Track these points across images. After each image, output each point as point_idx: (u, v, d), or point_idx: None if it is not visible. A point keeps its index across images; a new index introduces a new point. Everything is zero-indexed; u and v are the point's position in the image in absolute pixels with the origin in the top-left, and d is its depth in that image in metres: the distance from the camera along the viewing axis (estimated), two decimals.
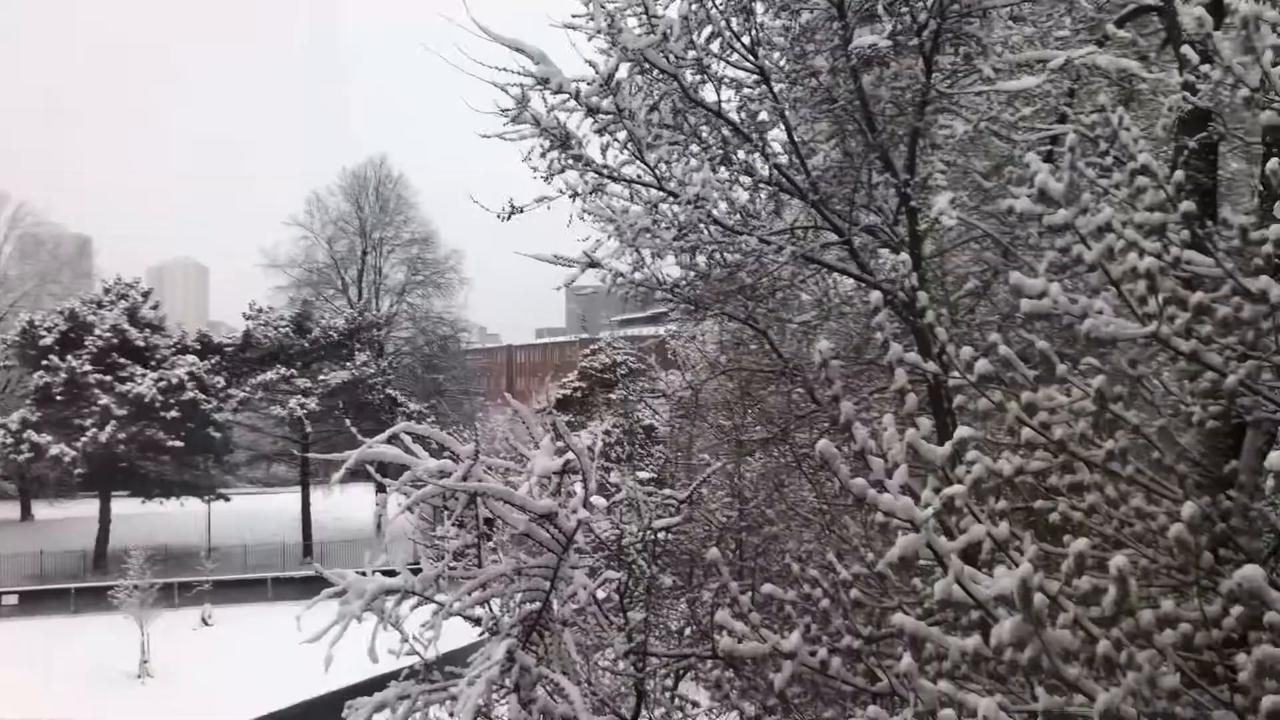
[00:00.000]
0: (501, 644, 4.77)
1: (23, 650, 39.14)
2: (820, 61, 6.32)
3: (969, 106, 6.33)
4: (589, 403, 48.13)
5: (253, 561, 53.49)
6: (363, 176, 68.97)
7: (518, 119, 6.31)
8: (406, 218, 69.41)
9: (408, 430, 5.38)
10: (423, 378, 65.28)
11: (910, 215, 6.38)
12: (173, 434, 51.19)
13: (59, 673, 35.70)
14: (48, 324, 52.73)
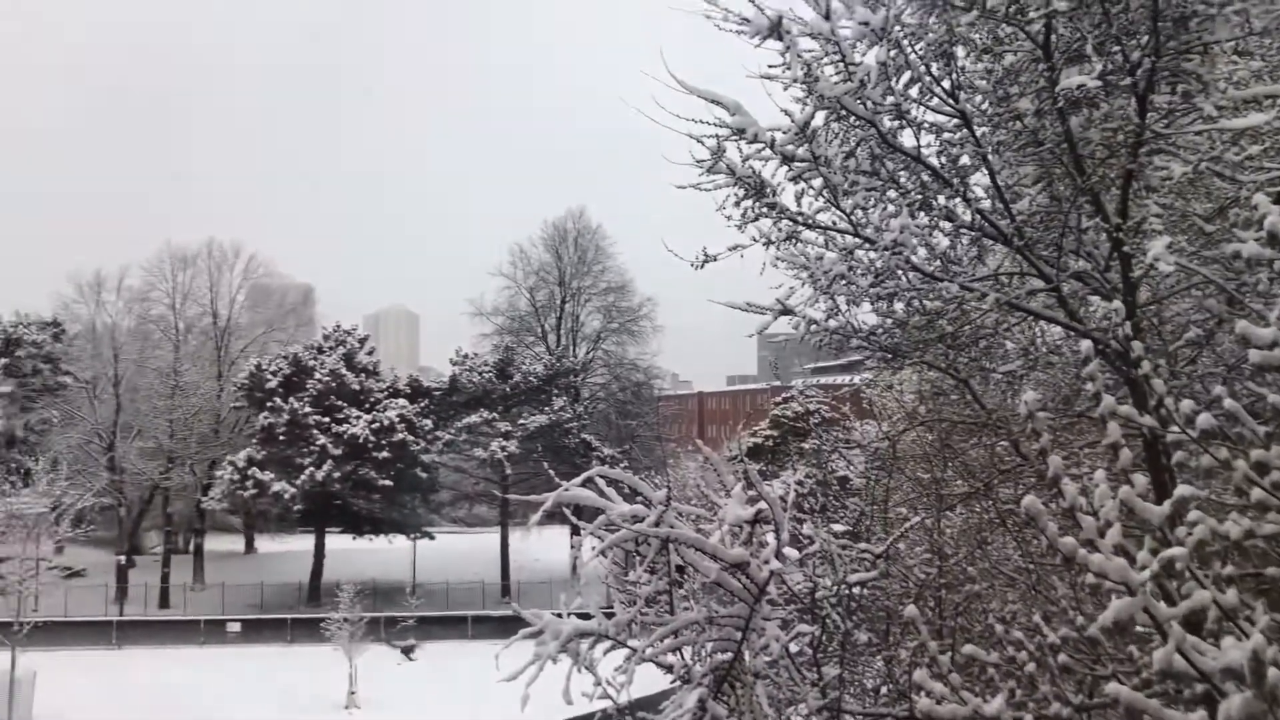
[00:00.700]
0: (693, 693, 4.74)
1: (246, 676, 41.72)
2: (1025, 104, 6.12)
3: (1188, 146, 5.98)
4: (781, 451, 47.63)
5: (454, 599, 55.29)
6: (562, 228, 71.30)
7: (713, 169, 6.37)
8: (604, 267, 71.20)
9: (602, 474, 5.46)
10: (616, 423, 66.36)
11: (1123, 261, 6.06)
12: (383, 473, 53.67)
13: (277, 700, 37.84)
14: (273, 368, 56.44)
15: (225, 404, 61.76)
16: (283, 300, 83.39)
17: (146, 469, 58.69)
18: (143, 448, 59.48)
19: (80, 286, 63.71)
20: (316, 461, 52.91)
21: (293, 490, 52.57)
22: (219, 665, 43.64)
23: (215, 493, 56.13)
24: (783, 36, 5.99)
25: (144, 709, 35.90)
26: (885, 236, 6.19)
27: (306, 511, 56.78)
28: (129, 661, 44.33)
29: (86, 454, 57.82)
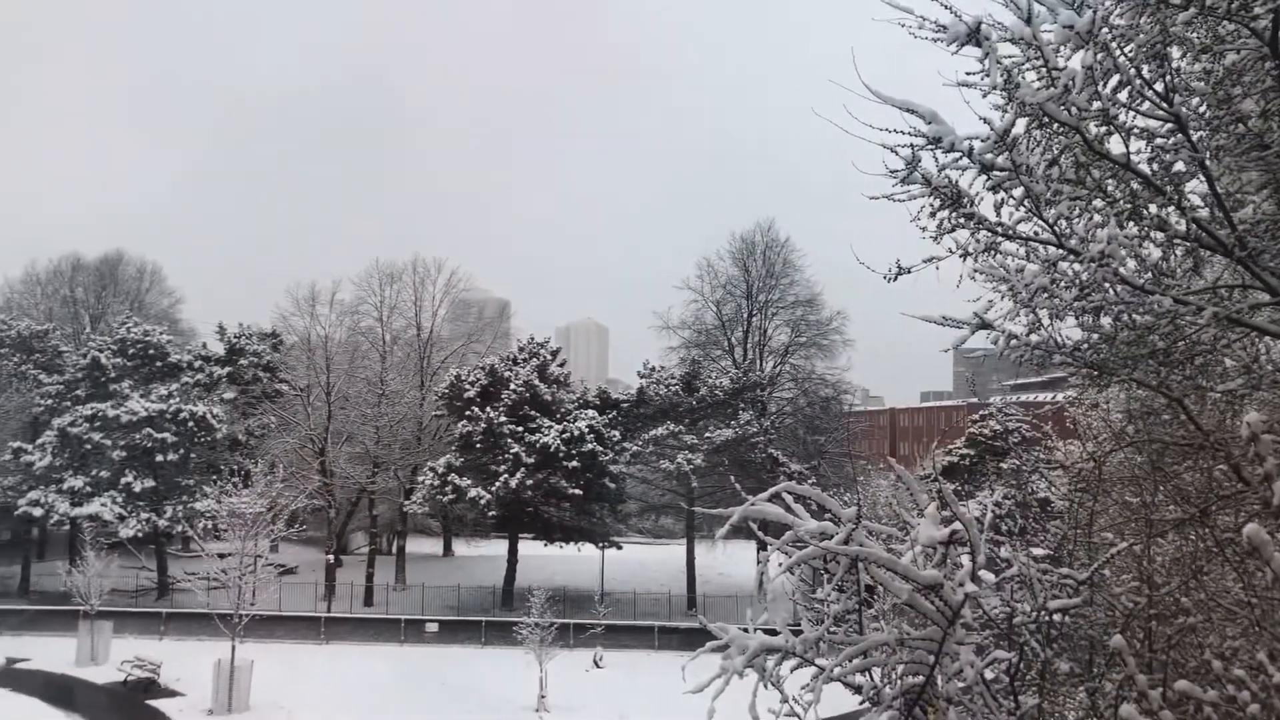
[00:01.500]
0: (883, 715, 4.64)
1: (442, 675, 43.33)
2: (1249, 105, 5.73)
3: None
4: (977, 471, 46.01)
5: (641, 609, 55.86)
6: (750, 241, 71.10)
7: (907, 179, 6.23)
8: (792, 280, 70.55)
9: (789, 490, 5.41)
10: (804, 438, 65.60)
11: None
12: (573, 482, 54.80)
13: (470, 699, 39.13)
14: (471, 378, 58.57)
15: (427, 412, 64.51)
16: (481, 314, 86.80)
17: (354, 473, 61.97)
18: (351, 453, 62.80)
19: (297, 300, 68.01)
20: (510, 469, 54.48)
21: (488, 496, 54.27)
22: (417, 663, 45.49)
23: (417, 497, 58.61)
24: (981, 43, 5.81)
25: (349, 700, 37.80)
26: (1091, 248, 5.91)
27: (501, 517, 58.55)
28: (335, 656, 46.78)
29: (300, 458, 61.48)
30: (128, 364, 61.35)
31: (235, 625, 37.70)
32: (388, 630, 51.20)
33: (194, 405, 58.39)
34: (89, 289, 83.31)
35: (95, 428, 56.14)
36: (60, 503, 54.57)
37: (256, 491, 42.36)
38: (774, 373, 69.64)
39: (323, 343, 65.35)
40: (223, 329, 72.05)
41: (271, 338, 72.48)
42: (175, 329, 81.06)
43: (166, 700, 38.02)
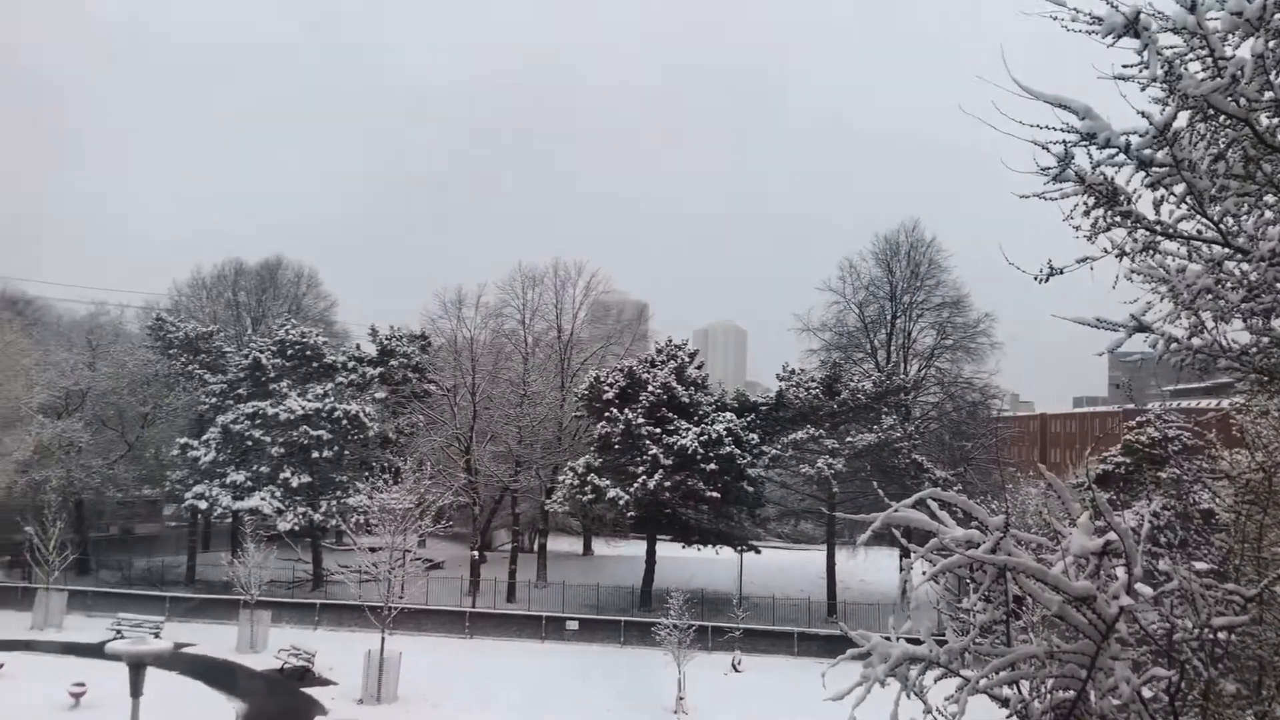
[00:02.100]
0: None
1: (582, 672, 43.90)
2: None
3: None
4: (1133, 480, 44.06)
5: (780, 614, 55.43)
6: (894, 241, 69.81)
7: (1059, 177, 6.02)
8: (938, 281, 68.96)
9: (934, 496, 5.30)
10: (950, 444, 64.00)
11: None
12: (711, 485, 54.75)
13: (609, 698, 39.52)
14: (610, 380, 59.15)
15: (567, 413, 65.47)
16: (619, 316, 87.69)
17: (498, 471, 63.36)
18: (495, 452, 64.23)
19: (444, 304, 69.95)
20: (648, 470, 54.80)
21: (626, 497, 54.71)
22: (558, 660, 46.22)
23: (557, 496, 59.52)
24: (1140, 34, 5.57)
25: (492, 695, 38.67)
26: (1261, 246, 5.60)
27: (639, 518, 58.96)
28: (479, 650, 47.93)
29: (447, 456, 63.23)
30: (286, 364, 64.17)
31: (385, 618, 38.98)
32: (529, 627, 52.14)
33: (348, 404, 60.64)
34: (250, 293, 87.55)
35: (256, 425, 58.90)
36: (223, 496, 57.44)
37: (406, 488, 43.71)
38: (918, 376, 68.17)
39: (468, 345, 67.03)
40: (375, 331, 74.65)
41: (420, 339, 74.73)
42: (330, 331, 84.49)
43: (319, 688, 39.59)
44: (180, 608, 52.36)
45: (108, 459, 61.74)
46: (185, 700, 35.80)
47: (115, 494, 63.34)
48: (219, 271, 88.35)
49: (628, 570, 66.06)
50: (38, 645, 43.93)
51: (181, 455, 59.38)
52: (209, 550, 67.79)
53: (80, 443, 59.07)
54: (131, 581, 60.04)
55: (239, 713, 35.46)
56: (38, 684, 35.97)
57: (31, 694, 34.48)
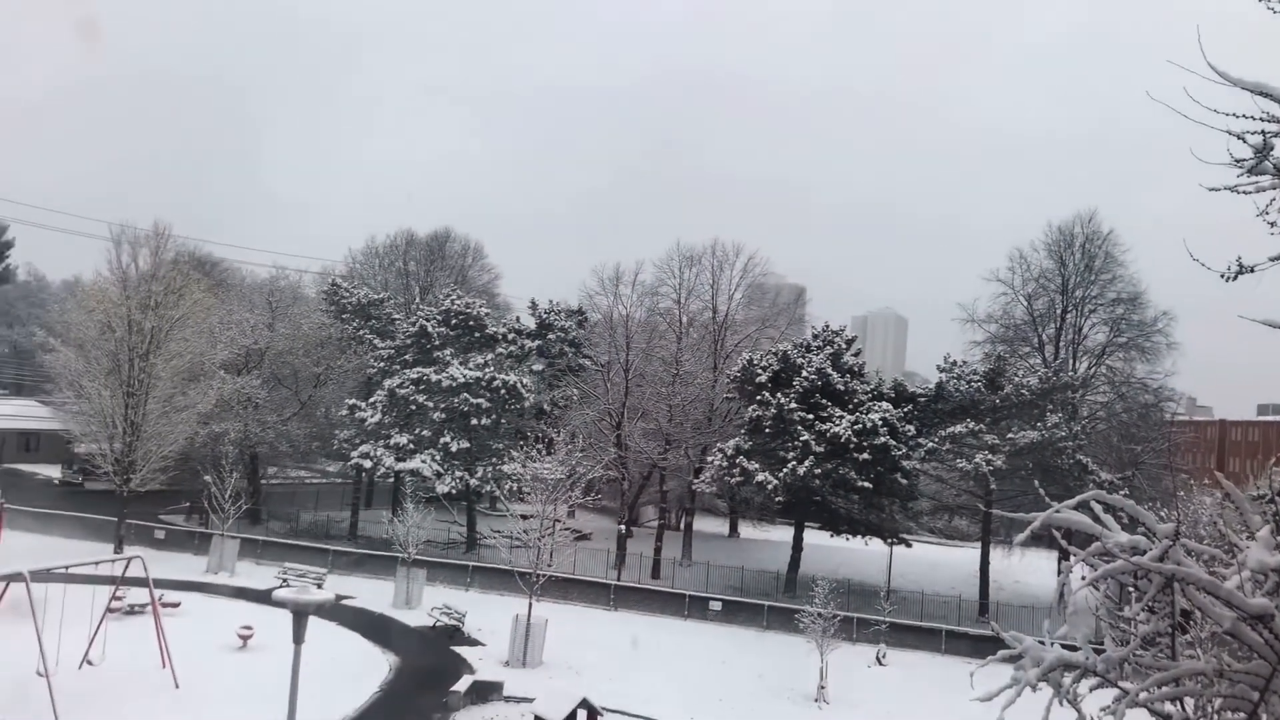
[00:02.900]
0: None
1: (724, 653, 44.04)
2: None
3: None
4: None
5: (928, 610, 54.29)
6: (1069, 233, 67.00)
7: (1255, 169, 5.67)
8: (1114, 276, 65.86)
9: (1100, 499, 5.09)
10: (1118, 446, 61.23)
11: None
12: (863, 475, 53.91)
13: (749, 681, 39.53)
14: (764, 363, 58.84)
15: (718, 394, 65.50)
16: (776, 299, 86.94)
17: (647, 448, 63.98)
18: (645, 428, 64.86)
19: (602, 280, 70.92)
20: (799, 457, 54.34)
21: (775, 482, 54.42)
22: (700, 639, 46.46)
23: (705, 476, 59.70)
24: None
25: (634, 667, 39.18)
26: None
27: (787, 504, 58.58)
28: (623, 623, 48.57)
29: (599, 430, 64.20)
30: (450, 333, 66.21)
31: (533, 584, 39.95)
32: (672, 604, 52.56)
33: (506, 375, 62.19)
34: (419, 263, 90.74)
35: (419, 390, 61.02)
36: (386, 457, 59.80)
37: (558, 459, 44.60)
38: (1088, 374, 65.42)
39: (624, 321, 67.78)
40: (534, 305, 76.36)
41: (577, 315, 76.00)
42: (492, 303, 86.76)
43: (468, 648, 40.88)
44: (342, 561, 54.84)
45: (281, 415, 65.15)
46: (343, 650, 37.54)
47: (286, 449, 66.72)
48: (391, 241, 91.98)
49: (773, 555, 65.80)
50: (211, 588, 46.77)
51: (349, 415, 62.08)
52: (371, 507, 70.78)
53: (257, 398, 62.52)
54: (298, 533, 63.24)
55: (393, 665, 36.98)
56: (211, 624, 38.38)
57: (205, 633, 36.79)
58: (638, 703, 33.79)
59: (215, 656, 34.64)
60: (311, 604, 15.67)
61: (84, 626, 30.72)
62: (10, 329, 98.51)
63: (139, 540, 53.15)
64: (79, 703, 26.97)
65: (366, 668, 35.95)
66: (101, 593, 32.90)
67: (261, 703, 26.08)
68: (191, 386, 53.90)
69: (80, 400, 54.03)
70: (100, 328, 51.03)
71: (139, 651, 32.08)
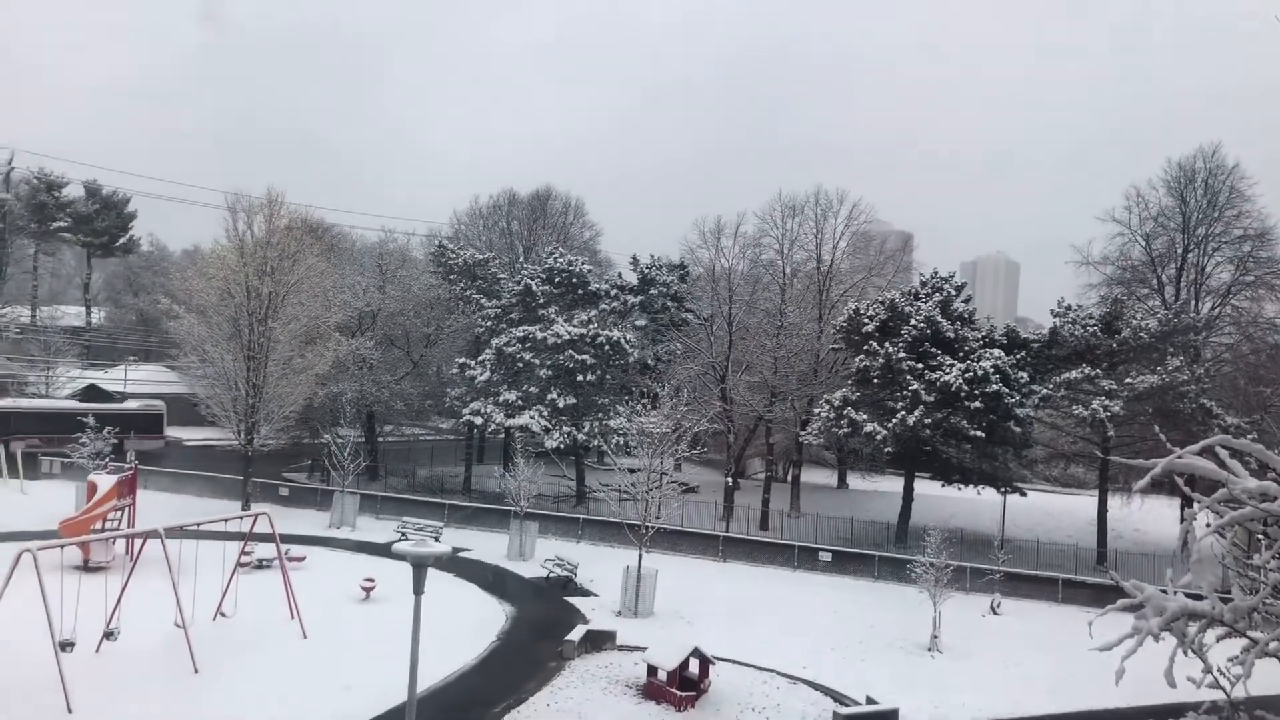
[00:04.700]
0: None
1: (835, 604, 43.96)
2: None
3: None
4: None
5: (1043, 559, 53.32)
6: (1190, 168, 64.13)
7: None
8: (1239, 212, 62.89)
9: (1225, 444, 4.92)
10: (1245, 389, 58.80)
11: None
12: (975, 424, 52.92)
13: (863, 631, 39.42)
14: (870, 312, 57.99)
15: (824, 345, 64.88)
16: (882, 247, 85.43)
17: (752, 401, 63.85)
18: (750, 381, 64.69)
19: (703, 233, 70.55)
20: (908, 406, 53.59)
21: (884, 432, 53.81)
22: (810, 589, 46.44)
23: (812, 428, 59.33)
24: None
25: (744, 617, 39.44)
26: None
27: (896, 454, 57.92)
28: (731, 574, 48.83)
29: (703, 384, 64.25)
30: (554, 291, 66.82)
31: (642, 535, 40.38)
32: (781, 555, 52.58)
33: (610, 330, 62.54)
34: (522, 222, 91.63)
35: (526, 348, 61.85)
36: (496, 413, 60.90)
37: (663, 413, 44.80)
38: (1211, 315, 62.87)
39: (726, 274, 67.43)
40: (636, 260, 76.38)
41: (679, 269, 75.83)
42: (594, 260, 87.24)
43: (581, 598, 41.62)
44: (457, 515, 56.20)
45: (395, 375, 66.85)
46: (462, 600, 38.63)
47: (401, 407, 68.50)
48: (494, 202, 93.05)
49: (883, 506, 65.24)
50: (334, 542, 48.45)
51: (460, 374, 63.34)
52: (483, 463, 72.29)
53: (371, 359, 64.24)
54: (414, 488, 64.98)
55: (509, 615, 37.89)
56: (335, 577, 39.82)
57: (330, 586, 38.20)
58: (749, 653, 34.03)
59: (340, 608, 35.96)
60: (430, 556, 16.13)
61: (216, 580, 32.17)
62: (136, 298, 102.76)
63: (264, 497, 55.30)
64: (215, 651, 28.35)
65: (484, 617, 36.91)
66: (231, 548, 34.38)
67: (386, 651, 27.05)
68: (309, 349, 55.55)
69: (205, 364, 56.20)
70: (220, 294, 52.83)
71: (268, 603, 33.51)
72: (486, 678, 30.29)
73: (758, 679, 31.95)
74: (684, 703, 28.53)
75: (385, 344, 67.75)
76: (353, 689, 26.65)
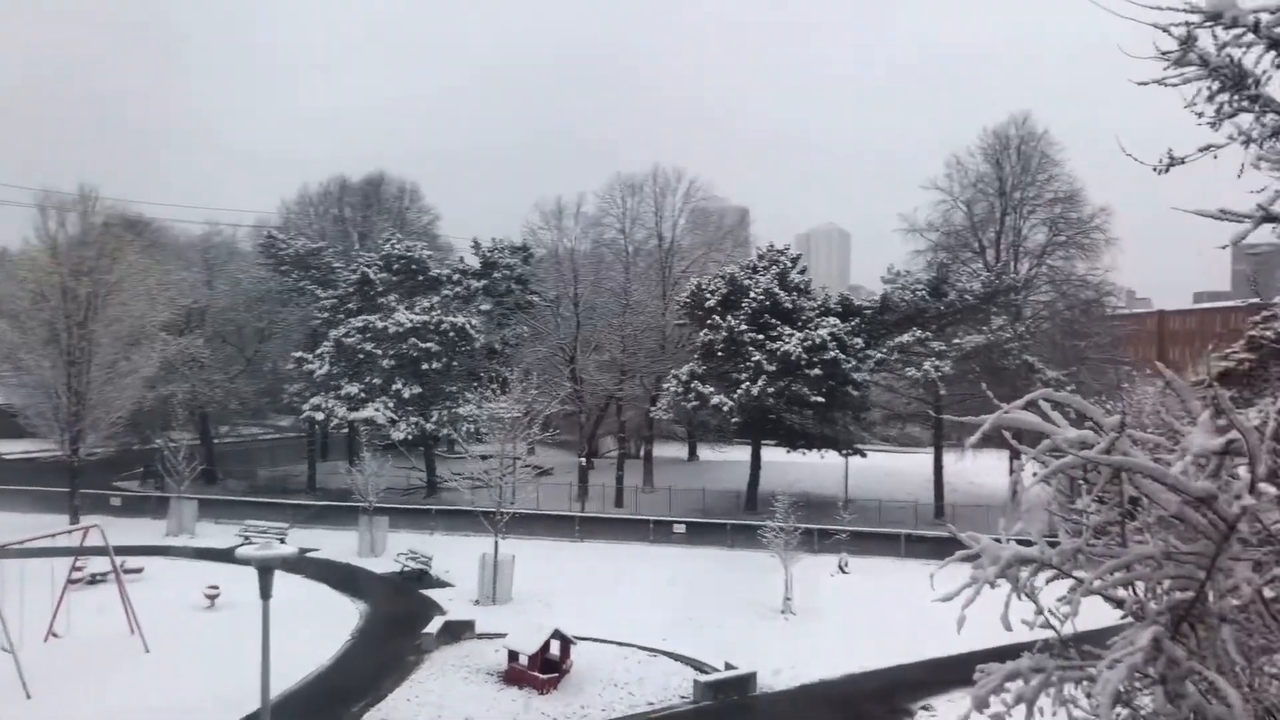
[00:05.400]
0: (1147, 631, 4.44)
1: (691, 575, 44.70)
2: None
3: None
4: (1257, 377, 42.43)
5: (886, 517, 55.44)
6: (1004, 135, 67.22)
7: (1181, 61, 5.72)
8: (1050, 175, 66.32)
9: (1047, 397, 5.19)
10: (1062, 344, 62.36)
11: None
12: (815, 390, 54.54)
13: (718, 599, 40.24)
14: (712, 287, 58.97)
15: (669, 321, 65.66)
16: (720, 222, 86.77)
17: (602, 380, 64.16)
18: (599, 361, 64.98)
19: (545, 214, 70.49)
20: (752, 377, 54.80)
21: (730, 403, 54.91)
22: (666, 562, 47.09)
23: (661, 404, 60.06)
24: None
25: (602, 596, 39.71)
26: None
27: (743, 424, 59.20)
28: (589, 553, 49.09)
29: (552, 366, 64.21)
30: (393, 278, 65.50)
31: (497, 522, 40.17)
32: (637, 530, 53.16)
33: (454, 317, 61.76)
34: (356, 208, 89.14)
35: (367, 338, 60.50)
36: (339, 408, 59.43)
37: (513, 397, 44.59)
38: (1029, 275, 66.24)
39: (569, 255, 67.47)
40: (477, 244, 75.46)
41: (522, 251, 75.37)
42: (434, 245, 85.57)
43: (437, 590, 41.15)
44: (302, 514, 54.72)
45: (228, 373, 64.39)
46: (313, 601, 37.65)
47: (236, 407, 66.06)
48: (324, 189, 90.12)
49: (733, 475, 66.61)
50: (173, 551, 46.51)
51: (297, 369, 61.47)
52: (327, 459, 70.48)
53: (202, 358, 61.65)
54: (256, 490, 62.91)
55: (363, 613, 37.15)
56: (176, 586, 38.24)
57: (171, 596, 36.68)
58: (610, 630, 34.32)
59: (184, 618, 34.59)
60: (276, 558, 15.66)
61: (46, 600, 30.46)
62: None
63: (95, 509, 52.50)
64: (49, 675, 26.86)
65: (337, 617, 36.11)
66: (61, 565, 32.63)
67: (235, 659, 26.13)
68: (134, 351, 52.94)
69: (20, 373, 52.94)
70: (33, 297, 49.82)
71: (106, 619, 31.94)
72: (343, 677, 29.66)
73: (619, 655, 32.28)
74: (547, 685, 28.59)
75: (217, 341, 65.15)
76: (202, 701, 25.69)
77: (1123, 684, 4.43)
